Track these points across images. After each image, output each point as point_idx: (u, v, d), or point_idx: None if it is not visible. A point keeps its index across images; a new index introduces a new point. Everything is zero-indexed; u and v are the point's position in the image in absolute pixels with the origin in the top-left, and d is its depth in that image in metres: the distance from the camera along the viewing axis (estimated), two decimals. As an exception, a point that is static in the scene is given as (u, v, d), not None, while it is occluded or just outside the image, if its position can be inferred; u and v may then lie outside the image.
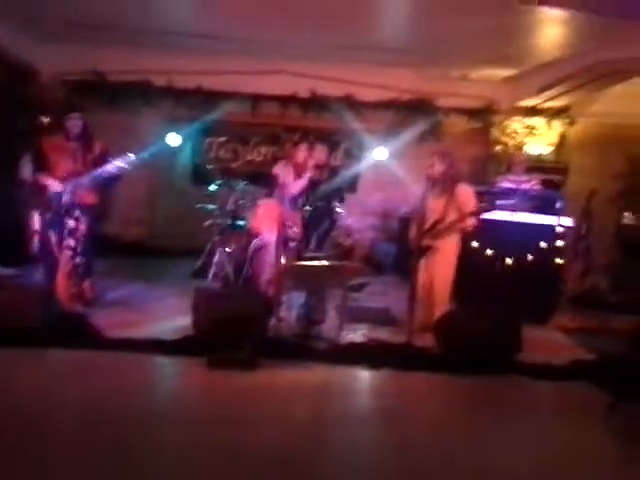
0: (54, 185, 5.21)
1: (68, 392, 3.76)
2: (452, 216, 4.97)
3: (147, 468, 2.87)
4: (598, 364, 4.50)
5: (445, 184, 4.99)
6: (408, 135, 8.11)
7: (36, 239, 5.28)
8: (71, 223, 5.26)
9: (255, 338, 4.41)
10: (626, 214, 7.15)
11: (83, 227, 5.33)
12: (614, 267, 7.18)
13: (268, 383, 4.06)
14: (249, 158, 8.93)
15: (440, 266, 5.03)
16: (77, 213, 5.29)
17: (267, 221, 5.73)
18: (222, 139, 8.92)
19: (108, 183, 5.43)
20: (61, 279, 5.19)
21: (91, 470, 2.81)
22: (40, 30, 7.17)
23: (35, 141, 5.72)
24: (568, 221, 6.13)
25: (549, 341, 5.37)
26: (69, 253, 5.27)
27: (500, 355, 4.47)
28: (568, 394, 4.23)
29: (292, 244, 5.51)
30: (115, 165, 5.22)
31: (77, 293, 5.33)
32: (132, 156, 5.27)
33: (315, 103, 8.34)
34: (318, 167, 5.97)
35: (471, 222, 5.08)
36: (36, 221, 5.30)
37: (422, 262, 5.00)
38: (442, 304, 5.08)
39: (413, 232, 5.14)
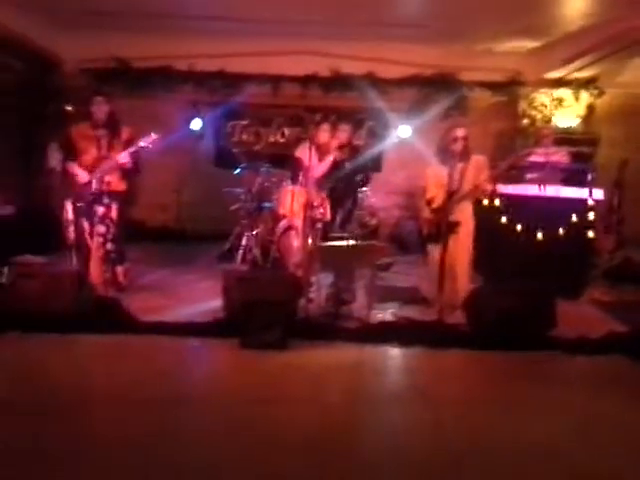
0: (82, 173, 5.26)
1: (104, 376, 3.85)
2: (467, 187, 4.91)
3: (185, 450, 2.91)
4: (632, 337, 4.44)
5: (462, 157, 4.93)
6: (432, 111, 8.00)
7: (70, 228, 5.34)
8: (101, 210, 5.33)
9: (285, 319, 4.43)
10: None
11: (113, 213, 5.39)
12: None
13: (300, 364, 4.10)
14: (272, 140, 8.89)
15: (460, 242, 4.97)
16: (106, 200, 5.34)
17: (295, 203, 5.74)
18: (245, 122, 8.90)
19: (135, 165, 5.45)
20: (94, 265, 5.28)
21: (130, 452, 2.88)
22: (62, 19, 7.19)
23: (62, 130, 5.76)
24: (599, 193, 6.01)
25: (582, 315, 5.32)
26: (100, 239, 5.34)
27: (533, 331, 4.43)
28: (603, 368, 4.19)
29: (319, 225, 5.50)
30: (139, 146, 5.24)
31: (110, 279, 5.42)
32: (155, 136, 5.27)
33: (337, 82, 8.25)
34: (341, 147, 5.92)
35: (487, 190, 5.02)
36: (69, 210, 5.35)
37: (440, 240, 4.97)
38: (465, 280, 5.05)
39: (426, 212, 5.12)
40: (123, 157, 5.26)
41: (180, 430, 3.11)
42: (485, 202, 5.88)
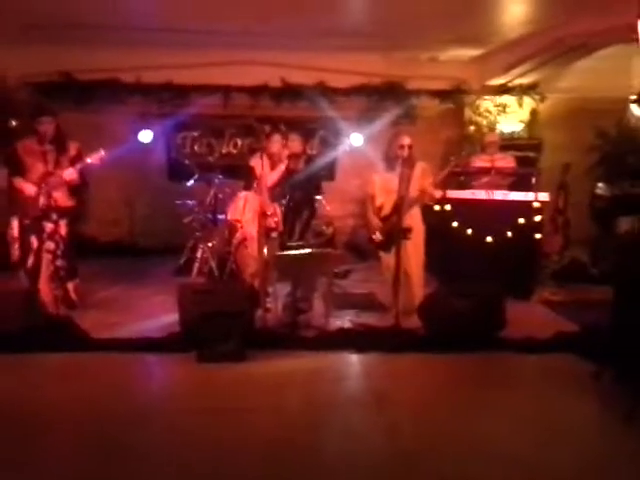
0: (29, 189, 5.14)
1: (58, 395, 3.75)
2: (414, 192, 5.03)
3: (143, 465, 2.88)
4: (581, 335, 4.59)
5: (408, 163, 5.04)
6: (382, 119, 8.12)
7: (16, 245, 5.20)
8: (49, 226, 5.21)
9: (243, 330, 4.42)
10: (599, 185, 7.26)
11: (62, 230, 5.28)
12: (592, 239, 7.30)
13: (259, 373, 4.10)
14: (225, 151, 8.84)
15: (412, 247, 5.07)
16: (55, 216, 5.23)
17: (247, 213, 5.72)
18: (196, 133, 8.83)
19: (83, 182, 5.37)
20: (43, 283, 5.15)
21: (84, 471, 2.83)
22: (4, 33, 7.01)
23: (7, 145, 5.61)
24: (545, 196, 6.21)
25: (532, 315, 5.47)
26: (49, 256, 5.22)
27: (484, 332, 4.55)
28: (553, 366, 4.30)
29: (274, 235, 5.50)
30: (87, 162, 5.17)
31: (60, 296, 5.28)
32: (103, 152, 5.20)
33: (287, 92, 8.30)
34: (293, 156, 5.95)
35: (434, 195, 5.19)
36: (15, 227, 5.22)
37: (393, 246, 5.06)
38: (420, 285, 5.18)
39: (375, 220, 5.21)
40: (70, 173, 5.18)
41: (137, 447, 3.06)
42: (436, 207, 6.01)
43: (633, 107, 7.92)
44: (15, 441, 3.08)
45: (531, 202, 6.10)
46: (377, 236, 5.23)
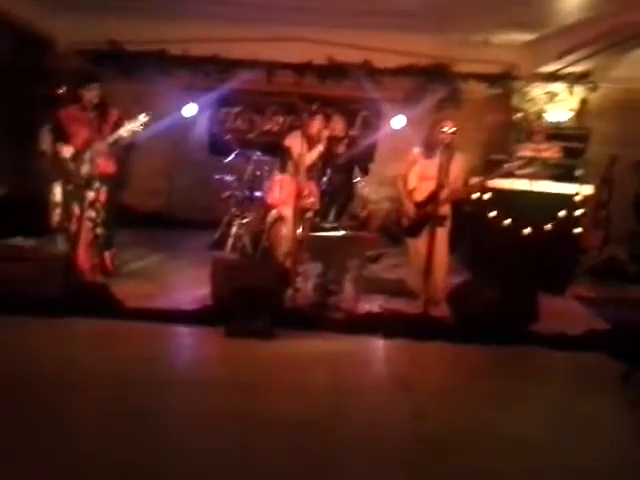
0: (70, 153, 5.24)
1: (89, 360, 3.87)
2: (450, 181, 4.95)
3: (168, 436, 2.96)
4: (613, 334, 4.50)
5: (449, 150, 4.94)
6: (426, 102, 8.00)
7: (58, 211, 5.34)
8: (91, 195, 5.32)
9: (272, 309, 4.47)
10: (645, 182, 7.03)
11: (103, 198, 5.39)
12: (633, 237, 7.08)
13: (286, 352, 4.14)
14: (266, 128, 8.85)
15: (440, 235, 4.99)
16: (97, 184, 5.34)
17: (283, 192, 5.75)
18: (238, 109, 8.86)
19: (125, 150, 5.44)
20: (82, 250, 5.27)
21: (113, 437, 2.91)
22: (55, 0, 7.13)
23: (53, 112, 5.74)
24: (588, 189, 6.04)
25: (565, 311, 5.37)
26: (90, 224, 5.34)
27: (515, 325, 4.49)
28: (582, 364, 4.25)
29: (309, 215, 5.51)
30: (129, 129, 5.22)
31: (98, 264, 5.42)
32: (145, 118, 5.22)
33: (332, 70, 8.21)
34: (333, 138, 5.92)
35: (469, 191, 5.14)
36: (57, 193, 5.35)
37: (421, 232, 5.05)
38: (444, 272, 5.12)
39: (408, 204, 5.14)
40: (112, 139, 5.23)
41: (163, 417, 3.15)
42: (474, 195, 5.91)
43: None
44: (44, 401, 3.20)
45: (573, 195, 5.95)
46: (405, 221, 5.19)
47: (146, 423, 3.05)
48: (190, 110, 7.97)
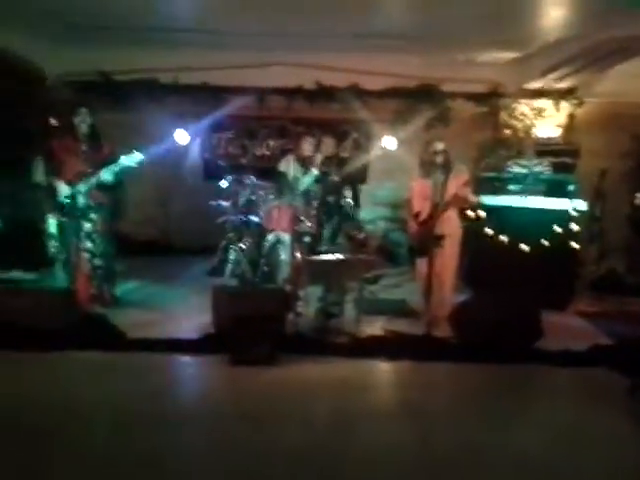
0: (66, 187, 5.24)
1: (91, 393, 3.84)
2: (448, 198, 4.99)
3: (174, 468, 2.93)
4: (617, 349, 4.52)
5: (444, 168, 5.01)
6: (416, 122, 8.08)
7: (53, 242, 5.32)
8: (87, 225, 5.31)
9: (274, 334, 4.46)
10: (638, 195, 7.09)
11: (99, 229, 5.38)
12: (630, 249, 7.14)
13: (290, 378, 4.13)
14: (258, 152, 8.90)
15: (449, 253, 5.04)
16: (92, 215, 5.33)
17: (281, 217, 5.77)
18: (230, 134, 8.91)
19: (118, 182, 5.45)
20: (81, 282, 5.25)
21: (119, 472, 2.88)
22: (46, 33, 7.15)
23: (45, 143, 5.74)
24: (582, 204, 6.10)
25: (568, 327, 5.39)
26: (87, 256, 5.32)
27: (519, 343, 4.50)
28: (588, 379, 4.26)
29: (306, 239, 5.53)
30: (123, 163, 5.23)
31: (97, 295, 5.39)
32: (139, 154, 5.24)
33: (321, 94, 8.29)
34: (326, 160, 5.97)
35: (469, 199, 5.16)
36: (52, 224, 5.34)
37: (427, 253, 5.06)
38: (451, 290, 5.14)
39: (414, 226, 5.19)
40: (105, 174, 5.24)
41: (169, 449, 3.12)
42: (470, 213, 5.95)
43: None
44: (43, 436, 3.16)
45: (568, 210, 6.00)
46: (414, 243, 5.23)
47: (152, 456, 3.01)
48: (182, 137, 7.99)
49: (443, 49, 7.70)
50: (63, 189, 5.25)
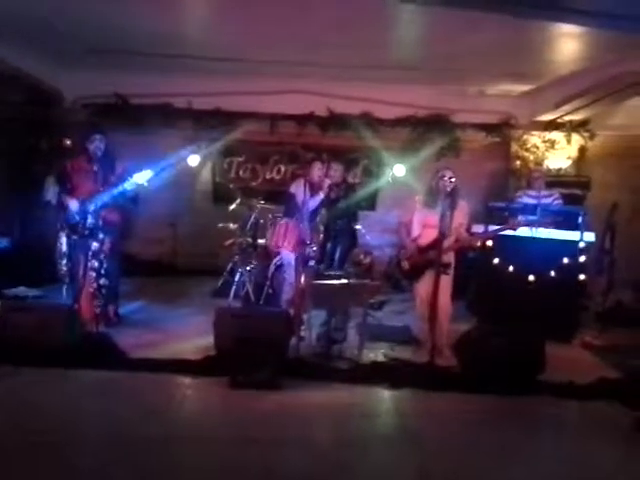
0: (76, 206, 5.28)
1: (92, 412, 3.82)
2: (454, 229, 4.99)
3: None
4: (624, 382, 4.43)
5: (452, 198, 4.99)
6: (426, 151, 8.12)
7: (64, 261, 5.35)
8: (95, 245, 5.34)
9: (277, 358, 4.42)
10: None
11: (107, 248, 5.41)
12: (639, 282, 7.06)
13: (291, 404, 4.07)
14: (268, 177, 9.00)
15: (445, 281, 4.99)
16: (101, 235, 5.37)
17: (287, 240, 5.77)
18: (241, 158, 9.00)
19: (129, 201, 5.49)
20: (85, 300, 5.26)
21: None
22: (65, 56, 7.34)
23: (59, 163, 5.82)
24: (591, 236, 6.06)
25: (573, 359, 5.31)
26: (93, 274, 5.35)
27: (523, 374, 4.42)
28: (593, 413, 4.17)
29: (312, 263, 5.52)
30: (134, 182, 5.27)
31: (101, 314, 5.40)
32: (150, 172, 5.28)
33: (333, 121, 8.38)
34: (335, 185, 6.00)
35: (471, 243, 5.26)
36: (64, 242, 5.38)
37: (420, 276, 5.12)
38: (447, 320, 5.11)
39: (411, 247, 5.19)
40: (118, 193, 5.29)
41: (166, 471, 3.08)
42: (477, 243, 5.93)
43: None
44: (46, 457, 3.13)
45: (577, 241, 5.95)
46: (405, 264, 5.21)
47: (148, 478, 2.97)
48: (193, 160, 8.10)
49: (455, 81, 7.79)
50: (74, 208, 5.29)
